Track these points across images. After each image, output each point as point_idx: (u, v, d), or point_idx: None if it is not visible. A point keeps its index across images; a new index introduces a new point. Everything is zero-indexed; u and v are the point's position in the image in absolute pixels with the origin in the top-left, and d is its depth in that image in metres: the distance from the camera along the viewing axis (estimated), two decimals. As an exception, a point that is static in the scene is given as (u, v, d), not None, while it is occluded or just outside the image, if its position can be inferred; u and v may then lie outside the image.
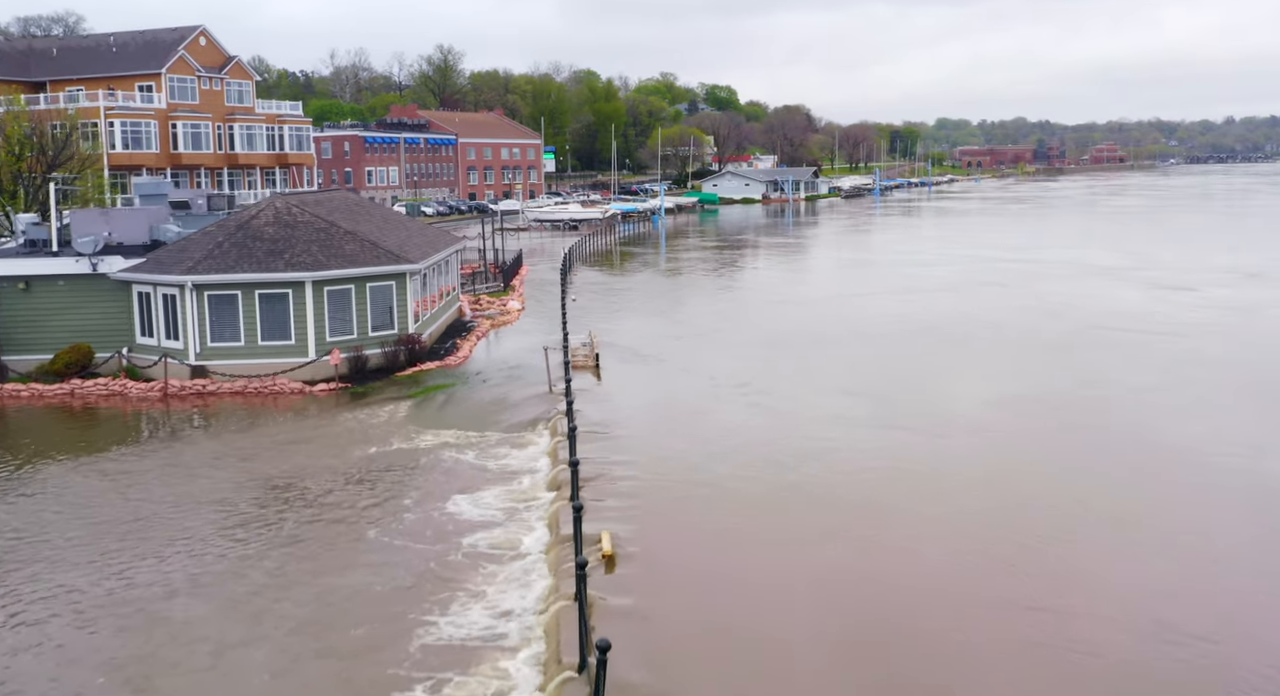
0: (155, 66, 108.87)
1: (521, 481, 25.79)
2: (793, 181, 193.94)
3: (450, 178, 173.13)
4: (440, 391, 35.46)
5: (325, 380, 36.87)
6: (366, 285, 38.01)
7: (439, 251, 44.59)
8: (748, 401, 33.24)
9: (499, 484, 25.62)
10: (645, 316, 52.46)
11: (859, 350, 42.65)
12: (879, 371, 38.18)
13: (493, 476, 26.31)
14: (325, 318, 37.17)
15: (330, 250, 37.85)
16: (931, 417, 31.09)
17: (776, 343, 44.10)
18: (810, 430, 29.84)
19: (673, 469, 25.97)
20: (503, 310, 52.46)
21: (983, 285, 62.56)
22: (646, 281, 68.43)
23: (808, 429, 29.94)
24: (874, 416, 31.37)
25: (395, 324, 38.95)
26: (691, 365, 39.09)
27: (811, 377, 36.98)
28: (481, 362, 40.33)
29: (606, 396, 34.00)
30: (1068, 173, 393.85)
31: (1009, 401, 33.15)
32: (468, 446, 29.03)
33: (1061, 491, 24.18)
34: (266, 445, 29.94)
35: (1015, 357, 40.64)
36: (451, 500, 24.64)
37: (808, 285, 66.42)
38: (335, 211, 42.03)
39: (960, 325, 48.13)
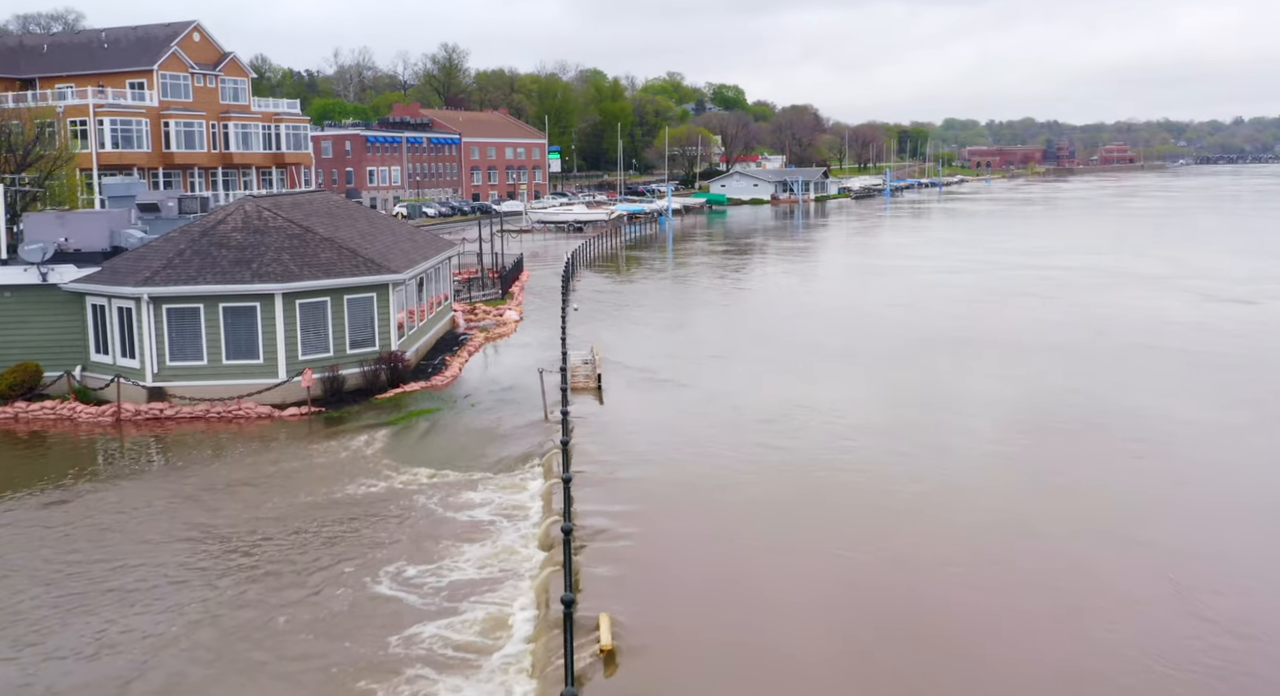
0: (147, 63, 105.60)
1: (507, 536, 21.83)
2: (802, 182, 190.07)
3: (454, 178, 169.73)
4: (423, 417, 31.70)
5: (296, 403, 33.15)
6: (344, 298, 34.27)
7: (428, 259, 40.85)
8: (772, 437, 29.03)
9: (479, 541, 21.66)
10: (653, 329, 48.40)
11: (897, 372, 38.21)
12: (922, 400, 33.73)
13: (473, 530, 22.37)
14: (297, 334, 33.45)
15: (304, 259, 34.12)
16: (1000, 476, 26.17)
17: (800, 362, 40.01)
18: (851, 483, 25.19)
19: (686, 526, 22.17)
20: (499, 321, 48.73)
21: (1016, 296, 57.96)
22: (654, 289, 64.45)
23: (847, 480, 25.45)
24: (932, 471, 25.85)
25: (376, 340, 35.20)
26: (705, 388, 35.07)
27: (843, 411, 32.24)
28: (472, 383, 36.53)
29: (609, 426, 30.21)
30: (1077, 173, 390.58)
31: (1071, 438, 29.26)
32: (447, 489, 25.13)
33: (1149, 557, 20.40)
34: (219, 486, 26.17)
35: (1067, 386, 35.78)
36: (413, 568, 20.36)
37: (828, 295, 61.82)
38: (313, 215, 38.31)
39: (1003, 344, 43.32)
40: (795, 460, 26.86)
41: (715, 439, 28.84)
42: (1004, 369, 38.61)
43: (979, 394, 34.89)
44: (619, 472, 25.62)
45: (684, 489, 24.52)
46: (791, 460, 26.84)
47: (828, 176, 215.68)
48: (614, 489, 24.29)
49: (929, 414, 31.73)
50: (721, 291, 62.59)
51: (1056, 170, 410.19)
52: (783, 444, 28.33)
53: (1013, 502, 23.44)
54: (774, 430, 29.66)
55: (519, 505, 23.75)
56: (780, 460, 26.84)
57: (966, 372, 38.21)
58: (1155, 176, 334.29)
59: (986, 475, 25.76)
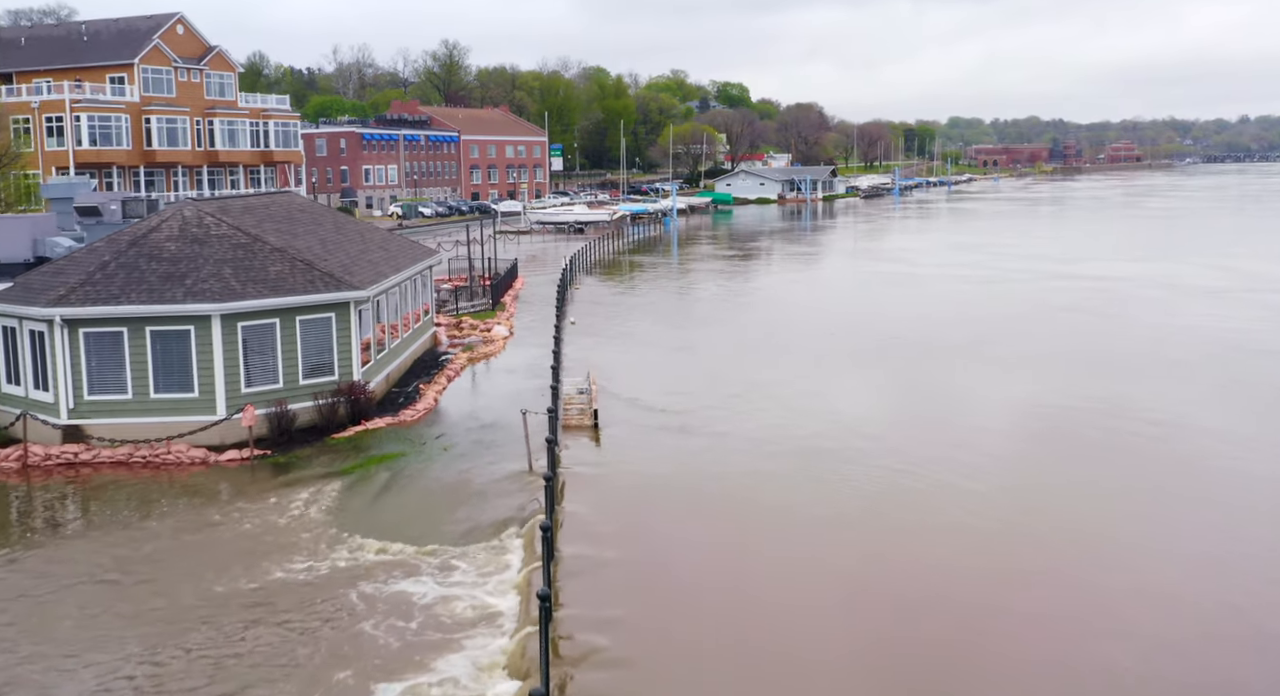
0: (128, 56, 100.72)
1: (460, 663, 16.11)
2: (810, 181, 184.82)
3: (452, 177, 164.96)
4: (384, 465, 26.49)
5: (237, 445, 28.00)
6: (295, 319, 29.10)
7: (401, 270, 35.67)
8: (808, 504, 23.38)
9: (431, 659, 16.25)
10: (660, 351, 42.65)
11: (955, 421, 30.83)
12: (994, 457, 27.10)
13: (426, 642, 17.02)
14: (239, 362, 28.28)
15: (248, 273, 28.97)
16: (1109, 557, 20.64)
17: (833, 399, 33.48)
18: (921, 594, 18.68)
19: (703, 632, 16.95)
20: (486, 338, 43.54)
21: (1062, 312, 51.00)
22: (660, 299, 58.89)
23: (910, 577, 19.52)
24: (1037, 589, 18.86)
25: (335, 368, 30.01)
26: (722, 430, 29.48)
27: (896, 477, 25.18)
28: (448, 418, 31.25)
29: (606, 480, 24.99)
30: (1085, 172, 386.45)
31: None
32: (396, 573, 19.81)
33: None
34: (107, 565, 20.88)
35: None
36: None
37: (852, 309, 54.50)
38: (266, 221, 33.15)
39: (1081, 380, 35.44)
40: (842, 529, 21.60)
41: (735, 495, 23.61)
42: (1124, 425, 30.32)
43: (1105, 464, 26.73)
44: (616, 546, 20.38)
45: (700, 566, 19.38)
46: (839, 529, 21.60)
47: (835, 175, 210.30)
48: (608, 577, 19.09)
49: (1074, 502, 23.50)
50: (734, 304, 56.73)
51: (1064, 169, 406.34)
52: (833, 534, 21.92)
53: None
54: (816, 512, 22.71)
55: (492, 593, 18.51)
56: (839, 553, 20.69)
57: (1068, 431, 30.23)
58: (1164, 175, 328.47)
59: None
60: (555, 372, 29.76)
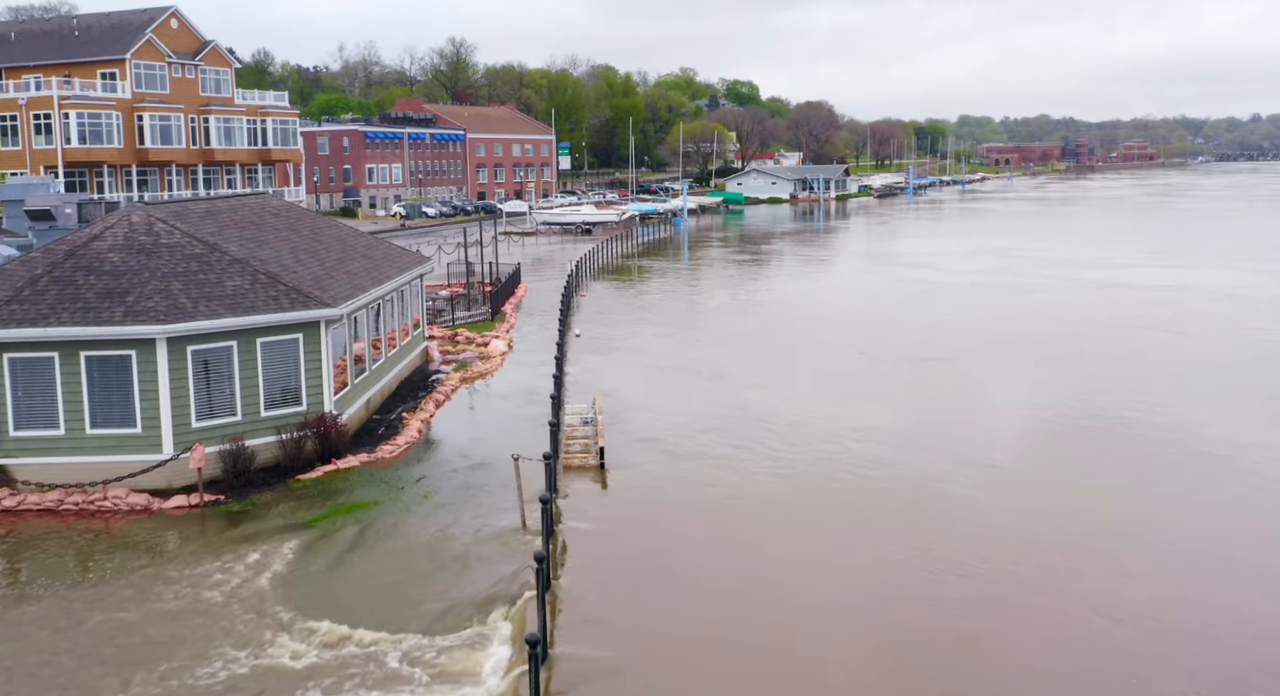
0: (120, 51, 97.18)
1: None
2: (823, 180, 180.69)
3: (458, 175, 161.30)
4: (354, 515, 22.59)
5: (187, 489, 24.15)
6: (256, 341, 25.23)
7: (383, 282, 31.79)
8: (863, 573, 19.30)
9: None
10: (675, 372, 37.89)
11: (1052, 489, 24.64)
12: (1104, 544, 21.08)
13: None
14: (189, 393, 24.42)
15: (202, 288, 25.12)
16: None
17: (877, 440, 28.24)
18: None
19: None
20: (482, 353, 39.62)
21: (1124, 329, 45.61)
22: (672, 309, 54.62)
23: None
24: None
25: (303, 398, 26.12)
26: (749, 475, 25.39)
27: (972, 546, 20.53)
28: (432, 454, 27.29)
29: (613, 543, 21.02)
30: (1098, 171, 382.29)
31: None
32: (349, 674, 15.82)
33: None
34: (26, 653, 17.10)
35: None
36: None
37: (880, 324, 48.44)
38: (229, 227, 29.28)
39: (1204, 436, 29.09)
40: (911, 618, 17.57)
41: (779, 596, 19.46)
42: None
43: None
44: (622, 654, 16.39)
45: (734, 666, 15.46)
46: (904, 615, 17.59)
47: (849, 174, 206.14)
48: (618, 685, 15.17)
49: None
50: (753, 316, 51.81)
51: (1076, 168, 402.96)
52: (896, 616, 17.73)
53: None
54: (896, 620, 17.61)
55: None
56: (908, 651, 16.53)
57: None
58: (1178, 174, 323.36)
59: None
60: (557, 406, 25.79)
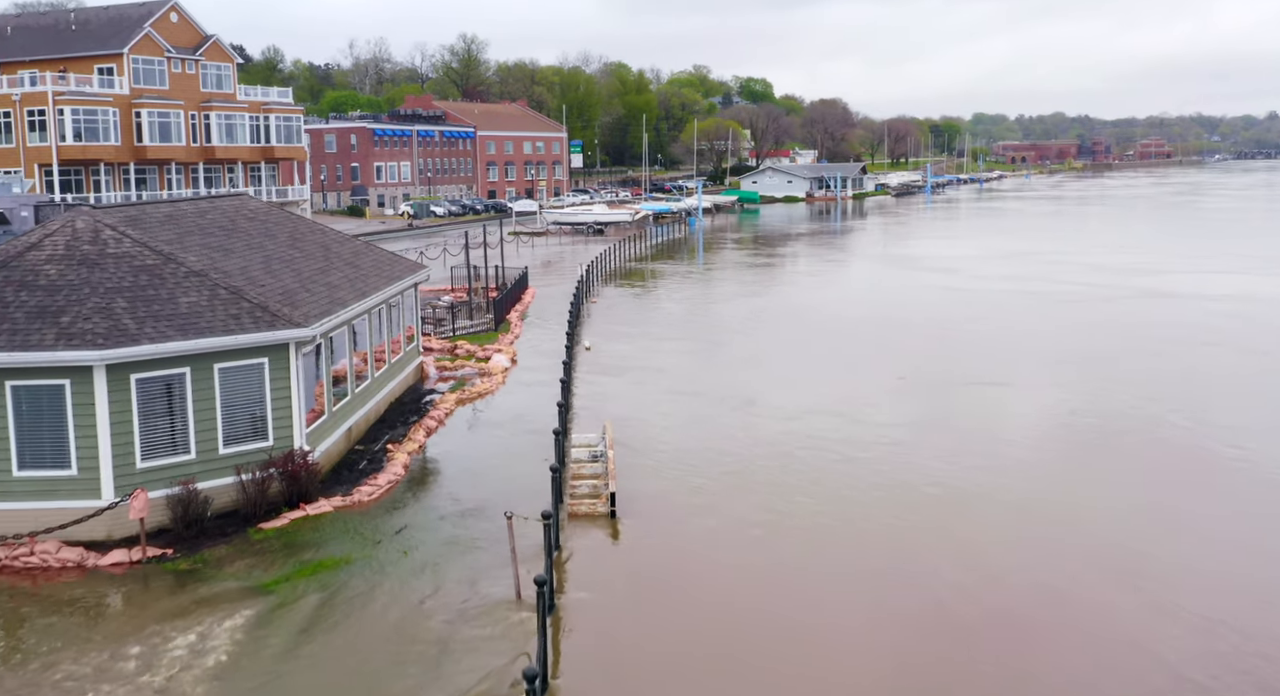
0: (117, 46, 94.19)
1: None
2: (840, 178, 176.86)
3: (468, 174, 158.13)
4: (319, 578, 19.10)
5: (129, 541, 20.74)
6: (213, 368, 21.82)
7: (370, 295, 28.35)
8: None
9: None
10: (696, 397, 33.33)
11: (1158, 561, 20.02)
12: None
13: None
14: (133, 428, 21.03)
15: (150, 306, 21.72)
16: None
17: (939, 505, 22.80)
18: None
19: None
20: (482, 369, 36.14)
21: (1187, 347, 40.53)
22: (690, 319, 50.82)
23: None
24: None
25: (268, 432, 22.69)
26: (782, 525, 21.75)
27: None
28: (417, 496, 23.71)
29: (626, 614, 17.54)
30: (1115, 169, 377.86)
31: None
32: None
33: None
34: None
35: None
36: None
37: (915, 340, 43.08)
38: (193, 234, 25.85)
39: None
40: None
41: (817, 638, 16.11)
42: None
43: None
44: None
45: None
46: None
47: (865, 172, 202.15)
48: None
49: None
50: (778, 330, 47.27)
51: (1093, 166, 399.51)
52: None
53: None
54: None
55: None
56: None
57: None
58: (1198, 172, 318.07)
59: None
60: (560, 445, 22.19)
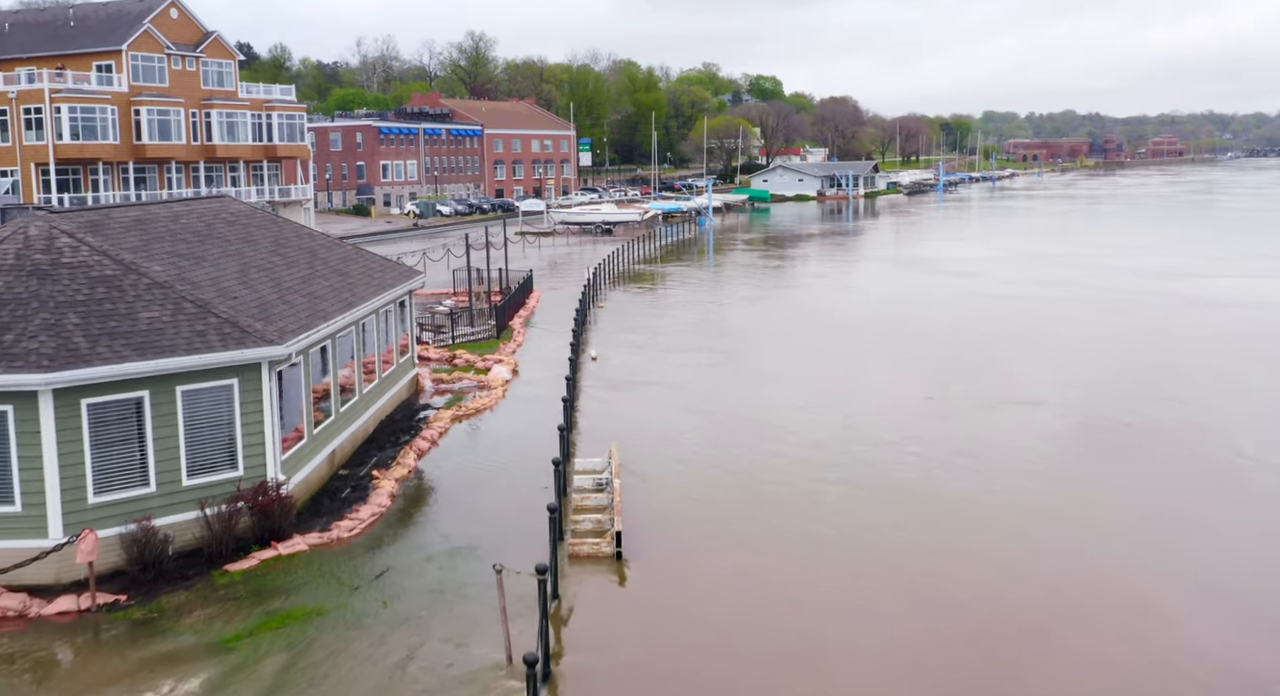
0: (116, 42, 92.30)
1: None
2: (852, 176, 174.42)
3: (475, 172, 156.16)
4: (286, 633, 16.90)
5: (80, 585, 18.59)
6: (175, 390, 19.65)
7: (357, 305, 26.17)
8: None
9: None
10: (711, 414, 30.62)
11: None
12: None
13: None
14: (85, 459, 18.89)
15: (105, 323, 19.58)
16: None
17: (986, 555, 19.84)
18: None
19: None
20: (481, 382, 33.95)
21: (1255, 362, 36.90)
22: (702, 325, 48.29)
23: None
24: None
25: (239, 461, 20.53)
26: (805, 572, 19.29)
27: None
28: (403, 532, 21.37)
29: (632, 678, 15.32)
30: (1127, 167, 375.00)
31: None
32: None
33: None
34: None
35: None
36: None
37: (943, 352, 39.87)
38: (161, 240, 23.68)
39: None
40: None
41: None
42: None
43: None
44: None
45: None
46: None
47: (877, 170, 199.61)
48: None
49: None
50: (797, 338, 44.57)
51: (1105, 164, 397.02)
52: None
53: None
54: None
55: None
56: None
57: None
58: (1211, 170, 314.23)
59: None
60: (560, 481, 19.91)
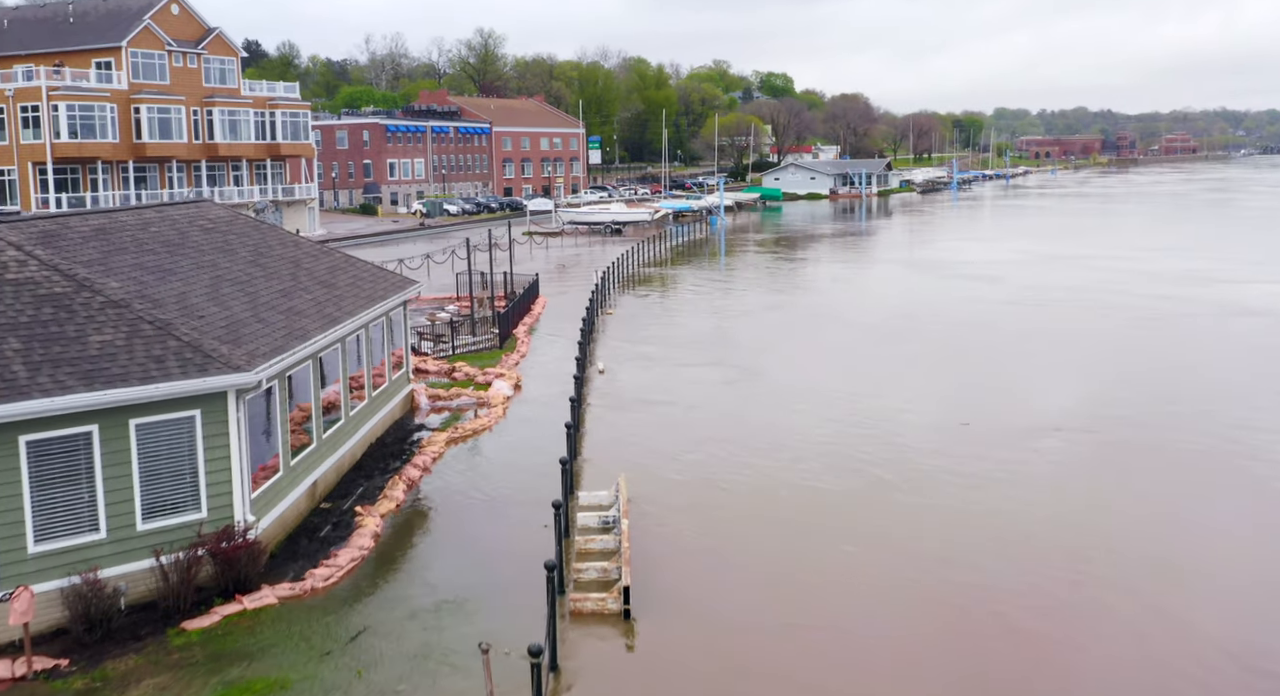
0: (115, 39, 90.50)
1: None
2: (865, 174, 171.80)
3: (483, 170, 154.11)
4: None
5: (13, 649, 16.45)
6: (128, 425, 17.49)
7: (341, 322, 23.96)
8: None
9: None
10: (730, 443, 27.53)
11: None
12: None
13: None
14: (24, 503, 16.73)
15: (51, 347, 17.43)
16: None
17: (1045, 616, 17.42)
18: None
19: None
20: (481, 399, 31.72)
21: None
22: (718, 335, 45.41)
23: None
24: None
25: (201, 501, 18.37)
26: (849, 645, 17.08)
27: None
28: (384, 583, 18.91)
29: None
30: (1140, 164, 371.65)
31: None
32: None
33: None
34: None
35: None
36: None
37: (977, 368, 36.60)
38: (123, 252, 21.49)
39: None
40: None
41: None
42: None
43: None
44: None
45: None
46: None
47: (890, 168, 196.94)
48: None
49: None
50: (817, 350, 41.83)
51: (1118, 161, 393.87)
52: None
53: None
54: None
55: None
56: None
57: None
58: (1226, 168, 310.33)
59: None
60: (560, 528, 17.60)
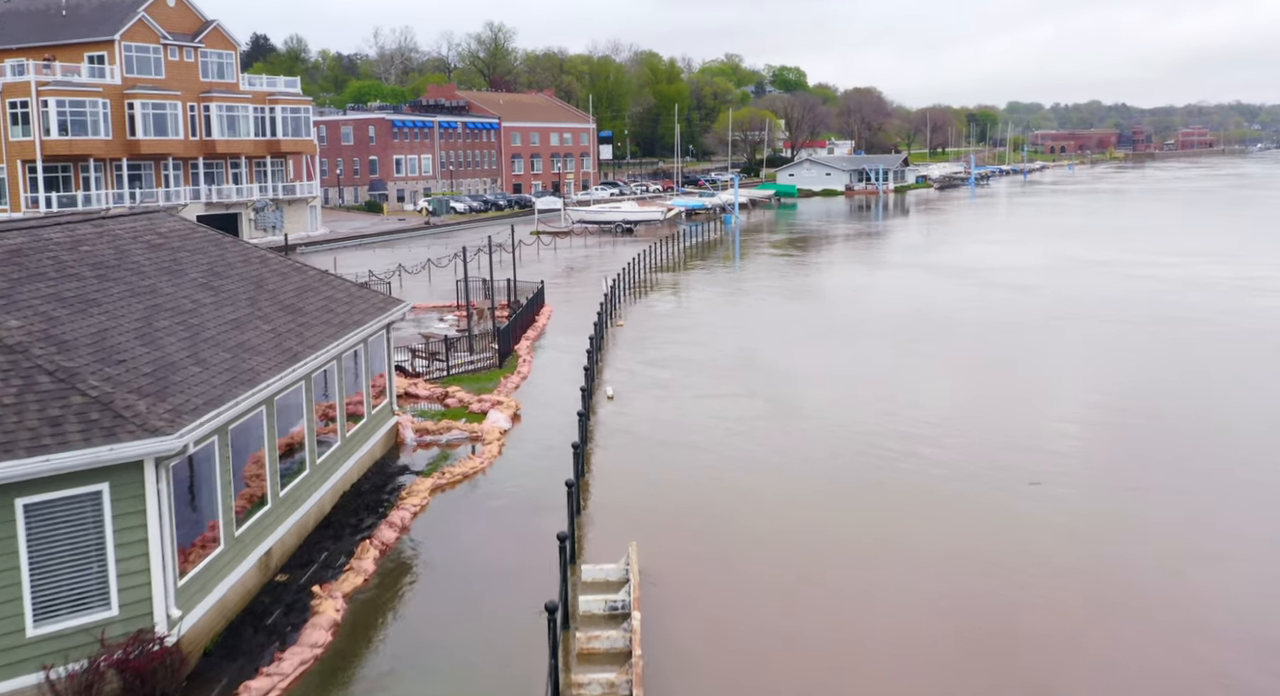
0: (109, 32, 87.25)
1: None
2: (881, 170, 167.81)
3: (492, 167, 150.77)
4: None
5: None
6: (14, 505, 13.96)
7: (302, 359, 20.40)
8: None
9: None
10: (755, 492, 23.53)
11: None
12: None
13: None
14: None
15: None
16: None
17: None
18: None
19: None
20: (474, 434, 28.10)
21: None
22: (738, 351, 41.45)
23: None
24: None
25: (112, 598, 14.81)
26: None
27: None
28: (339, 690, 15.73)
29: None
30: (1157, 158, 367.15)
31: None
32: None
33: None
34: None
35: None
36: None
37: (1034, 405, 31.56)
38: (35, 279, 17.91)
39: None
40: None
41: None
42: None
43: None
44: None
45: None
46: None
47: (907, 164, 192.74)
48: None
49: None
50: (853, 380, 37.56)
51: (1134, 155, 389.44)
52: None
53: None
54: None
55: None
56: None
57: None
58: (1245, 162, 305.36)
59: None
60: (554, 635, 13.89)
